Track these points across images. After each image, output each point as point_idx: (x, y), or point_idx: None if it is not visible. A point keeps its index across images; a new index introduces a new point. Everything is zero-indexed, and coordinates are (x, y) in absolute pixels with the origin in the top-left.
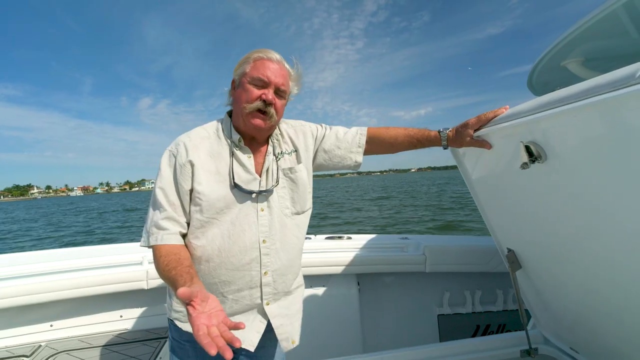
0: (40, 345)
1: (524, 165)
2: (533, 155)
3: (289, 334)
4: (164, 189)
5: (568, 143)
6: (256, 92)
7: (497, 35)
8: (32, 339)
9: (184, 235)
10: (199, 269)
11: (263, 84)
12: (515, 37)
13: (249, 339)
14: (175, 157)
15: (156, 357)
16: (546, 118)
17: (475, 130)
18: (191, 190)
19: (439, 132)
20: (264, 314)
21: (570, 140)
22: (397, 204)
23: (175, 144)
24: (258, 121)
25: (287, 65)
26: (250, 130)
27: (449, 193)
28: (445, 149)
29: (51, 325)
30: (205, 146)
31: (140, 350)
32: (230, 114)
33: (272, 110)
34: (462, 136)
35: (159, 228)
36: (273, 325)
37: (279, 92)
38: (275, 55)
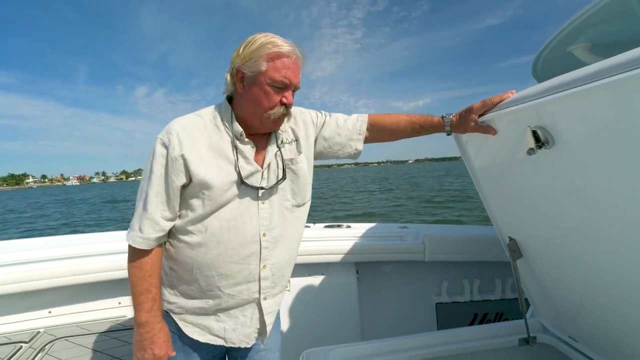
0: (38, 332)
1: (531, 151)
2: (540, 141)
3: (268, 332)
4: (152, 183)
5: (577, 128)
6: (277, 96)
7: (497, 26)
8: (31, 325)
9: (164, 236)
10: (195, 261)
11: (284, 87)
12: (516, 28)
13: (253, 337)
14: (167, 148)
15: None
16: (555, 101)
17: (480, 116)
18: (185, 186)
19: (442, 117)
20: (260, 310)
21: (580, 124)
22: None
23: (167, 133)
24: (279, 123)
25: (300, 56)
26: (266, 129)
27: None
28: (448, 135)
29: (49, 312)
30: (203, 137)
31: None
32: (229, 100)
33: (290, 110)
34: (466, 121)
35: (142, 229)
36: (267, 322)
37: (295, 90)
38: (289, 47)
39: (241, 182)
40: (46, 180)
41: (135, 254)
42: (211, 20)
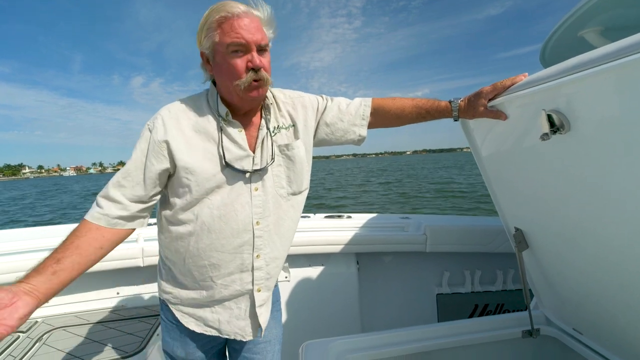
0: (36, 321)
1: (545, 136)
2: (555, 125)
3: (266, 323)
4: (127, 165)
5: (595, 111)
6: (240, 62)
7: (496, 16)
8: None
9: (125, 217)
10: (187, 251)
11: (243, 49)
12: (515, 18)
13: (248, 330)
14: (151, 132)
15: (153, 333)
16: (573, 83)
17: (490, 100)
18: (172, 174)
19: (450, 102)
20: (253, 302)
21: (599, 108)
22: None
23: (153, 119)
24: (255, 93)
25: (254, 12)
26: (248, 103)
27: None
28: (455, 120)
29: (47, 302)
30: (189, 119)
31: (137, 327)
32: (215, 82)
33: (264, 73)
34: (475, 106)
35: (99, 204)
36: (257, 313)
37: (261, 48)
38: (239, 7)
39: (226, 165)
40: (43, 170)
41: (81, 226)
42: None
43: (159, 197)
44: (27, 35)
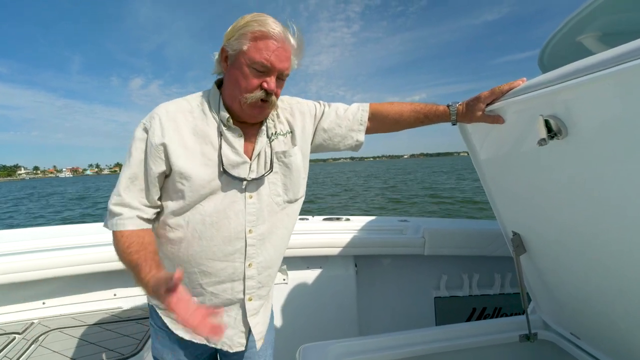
0: (32, 323)
1: (542, 142)
2: (552, 131)
3: (262, 334)
4: (130, 167)
5: (593, 118)
6: (256, 80)
7: (493, 22)
8: (24, 316)
9: (147, 220)
10: (177, 257)
11: (265, 70)
12: (512, 24)
13: (236, 340)
14: (147, 133)
15: (149, 336)
16: (570, 89)
17: (488, 105)
18: (167, 175)
19: (448, 106)
20: (244, 311)
21: (596, 114)
22: None
23: (150, 118)
24: (257, 111)
25: (291, 40)
26: (246, 116)
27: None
28: (454, 124)
29: (43, 303)
30: (188, 122)
31: (134, 328)
32: (219, 84)
33: (273, 98)
34: (473, 111)
35: (116, 212)
36: (250, 324)
37: (281, 77)
38: (278, 29)
39: (223, 171)
40: (39, 171)
41: (119, 237)
42: (207, 11)
43: None
44: (27, 35)
